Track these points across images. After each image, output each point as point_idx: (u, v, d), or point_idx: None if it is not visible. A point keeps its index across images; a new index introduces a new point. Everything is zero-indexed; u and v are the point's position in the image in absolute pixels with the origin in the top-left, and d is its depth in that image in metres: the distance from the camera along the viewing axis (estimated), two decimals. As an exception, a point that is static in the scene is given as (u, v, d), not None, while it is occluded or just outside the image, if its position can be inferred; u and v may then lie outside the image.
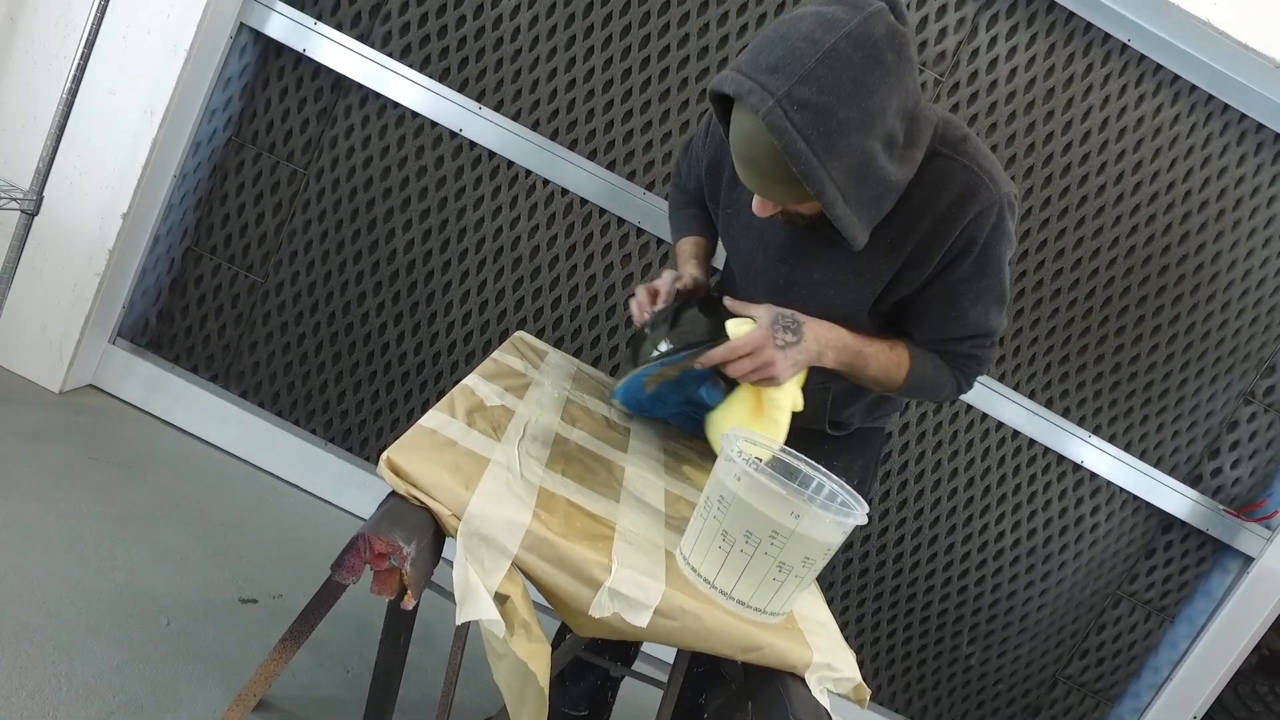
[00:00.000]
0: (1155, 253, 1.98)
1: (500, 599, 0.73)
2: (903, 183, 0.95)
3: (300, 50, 1.92)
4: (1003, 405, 2.03)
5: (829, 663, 0.81)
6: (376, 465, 0.79)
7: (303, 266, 2.05)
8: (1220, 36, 1.78)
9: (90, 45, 1.65)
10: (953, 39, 1.88)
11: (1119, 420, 2.06)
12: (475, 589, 0.72)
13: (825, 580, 2.15)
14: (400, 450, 0.78)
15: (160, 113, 1.83)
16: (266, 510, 1.93)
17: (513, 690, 0.73)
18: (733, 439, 0.84)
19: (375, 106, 1.97)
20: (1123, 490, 2.08)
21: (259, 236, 2.05)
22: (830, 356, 1.06)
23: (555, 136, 1.96)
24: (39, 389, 1.95)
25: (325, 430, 2.13)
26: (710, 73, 1.92)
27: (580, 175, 1.96)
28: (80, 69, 1.65)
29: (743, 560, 0.79)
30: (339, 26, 1.93)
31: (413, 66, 1.94)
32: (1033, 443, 2.07)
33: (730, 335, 1.04)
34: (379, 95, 1.95)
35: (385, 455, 0.76)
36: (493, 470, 0.83)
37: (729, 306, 1.10)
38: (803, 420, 1.11)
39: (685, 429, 1.33)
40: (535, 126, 1.96)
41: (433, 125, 1.96)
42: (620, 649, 1.50)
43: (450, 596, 0.75)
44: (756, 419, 1.07)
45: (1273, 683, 2.57)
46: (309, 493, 2.09)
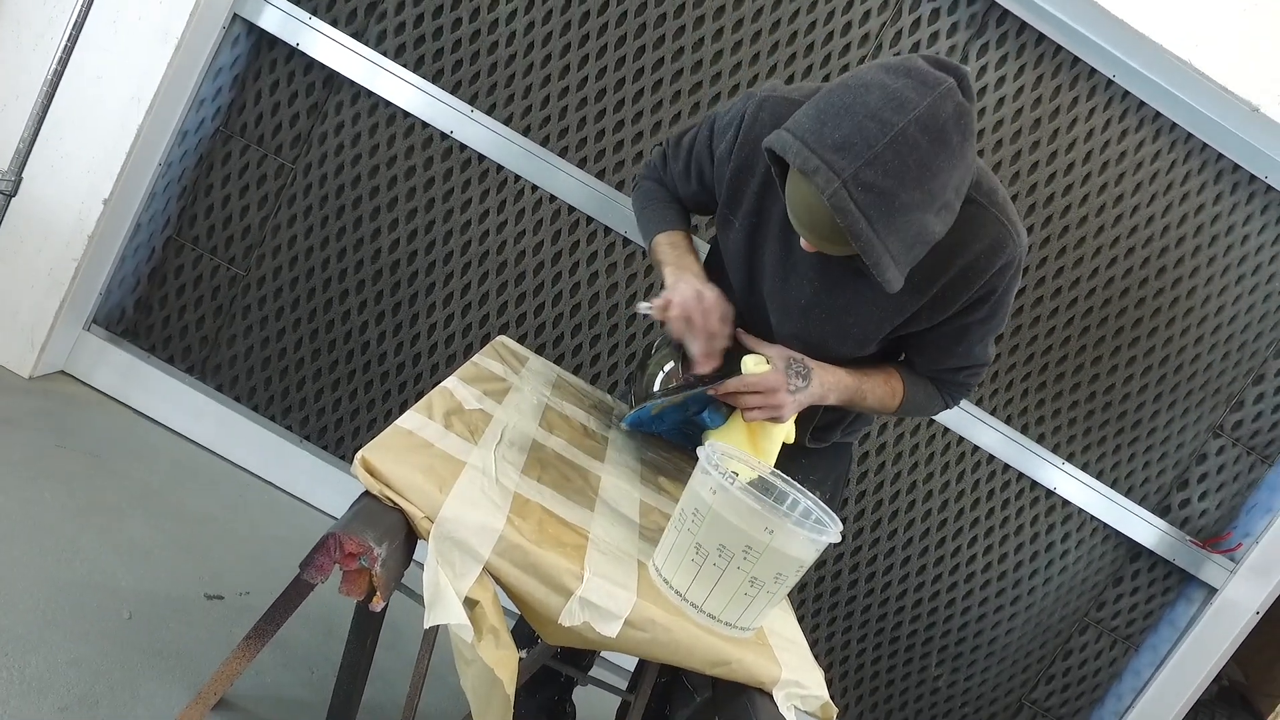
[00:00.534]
0: (1132, 285, 2.01)
1: (470, 604, 0.73)
2: (941, 234, 0.96)
3: (293, 44, 1.91)
4: (979, 430, 2.05)
5: (797, 680, 0.82)
6: (351, 464, 0.78)
7: (286, 261, 2.03)
8: (1200, 77, 1.82)
9: (78, 28, 1.63)
10: (943, 66, 1.91)
11: (1092, 449, 2.09)
12: (445, 593, 0.71)
13: (796, 597, 2.15)
14: (375, 450, 0.77)
15: (147, 100, 1.81)
16: (237, 506, 1.90)
17: (479, 696, 0.73)
18: (712, 452, 0.85)
19: (367, 104, 1.96)
20: (1093, 518, 2.10)
21: (243, 229, 2.03)
22: (833, 397, 1.13)
23: (546, 143, 1.97)
24: (8, 373, 1.91)
25: (301, 427, 2.10)
26: (704, 86, 1.93)
27: (569, 183, 1.96)
28: (67, 51, 1.63)
29: (715, 574, 0.79)
30: (334, 22, 1.92)
31: (406, 66, 1.93)
32: (1007, 467, 2.09)
33: (745, 371, 1.10)
34: (371, 93, 1.94)
35: (360, 454, 0.76)
36: (468, 474, 0.82)
37: (743, 341, 1.15)
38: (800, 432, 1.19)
39: (677, 443, 1.35)
40: (526, 132, 1.96)
41: (424, 126, 1.96)
42: (574, 655, 1.48)
43: (420, 599, 0.74)
44: (751, 443, 1.13)
45: (1232, 712, 2.60)
46: (281, 489, 2.06)
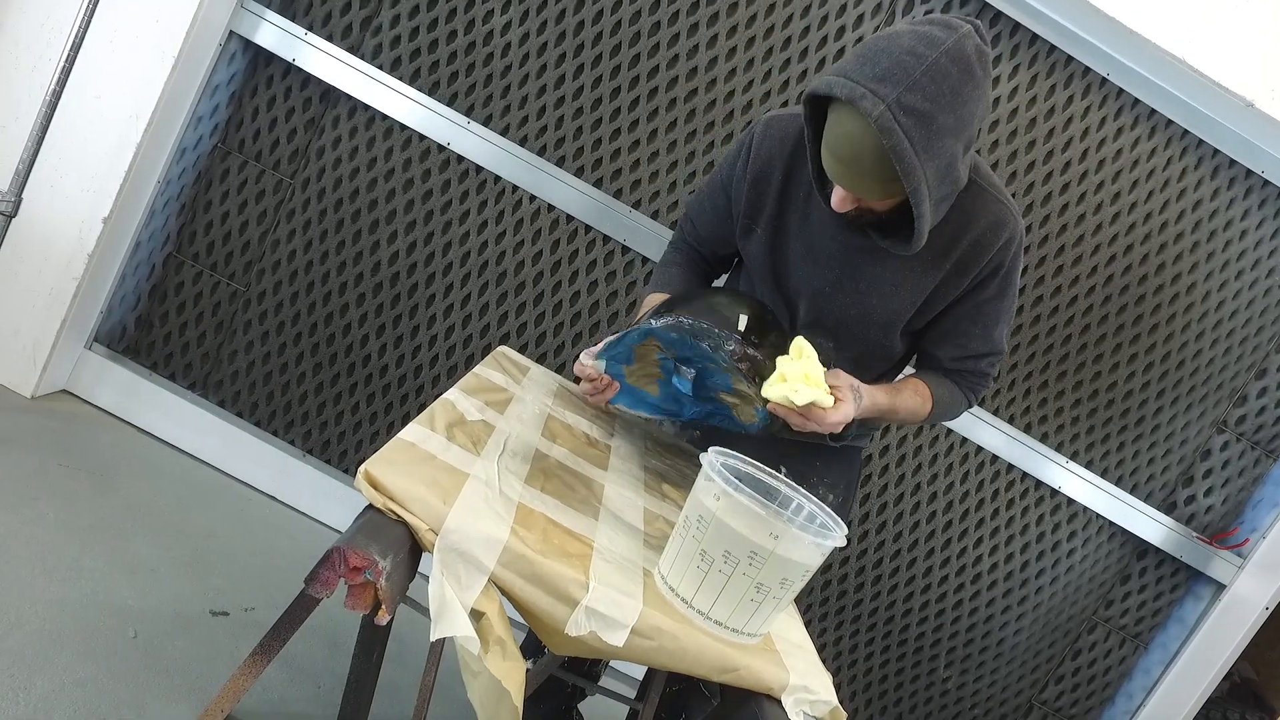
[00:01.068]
0: (1132, 282, 2.01)
1: (476, 615, 0.72)
2: (961, 185, 1.06)
3: (290, 60, 1.92)
4: (983, 430, 2.05)
5: (805, 685, 0.81)
6: (354, 478, 0.78)
7: (286, 276, 2.04)
8: (1194, 74, 1.82)
9: (76, 48, 1.64)
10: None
11: (1096, 447, 2.08)
12: (451, 605, 0.71)
13: (803, 602, 2.15)
14: (378, 463, 0.77)
15: (145, 118, 1.82)
16: (241, 521, 1.90)
17: (486, 708, 0.72)
18: (715, 458, 0.84)
19: (364, 118, 1.97)
20: (1099, 516, 2.09)
21: (242, 245, 2.03)
22: (866, 415, 1.17)
23: (543, 153, 1.97)
24: (10, 393, 1.91)
25: (304, 441, 2.10)
26: (699, 93, 1.94)
27: (567, 192, 1.97)
28: (65, 71, 1.64)
29: (720, 580, 0.79)
30: (330, 38, 1.93)
31: (403, 79, 1.94)
32: (1011, 467, 2.08)
33: (810, 392, 1.02)
34: (368, 107, 1.95)
35: (363, 468, 0.76)
36: (471, 485, 0.82)
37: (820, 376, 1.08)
38: (805, 434, 1.16)
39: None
40: (523, 142, 1.97)
41: (421, 138, 1.97)
42: (585, 665, 1.48)
43: (426, 612, 0.74)
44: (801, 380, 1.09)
45: (1244, 710, 2.59)
46: (285, 504, 2.06)
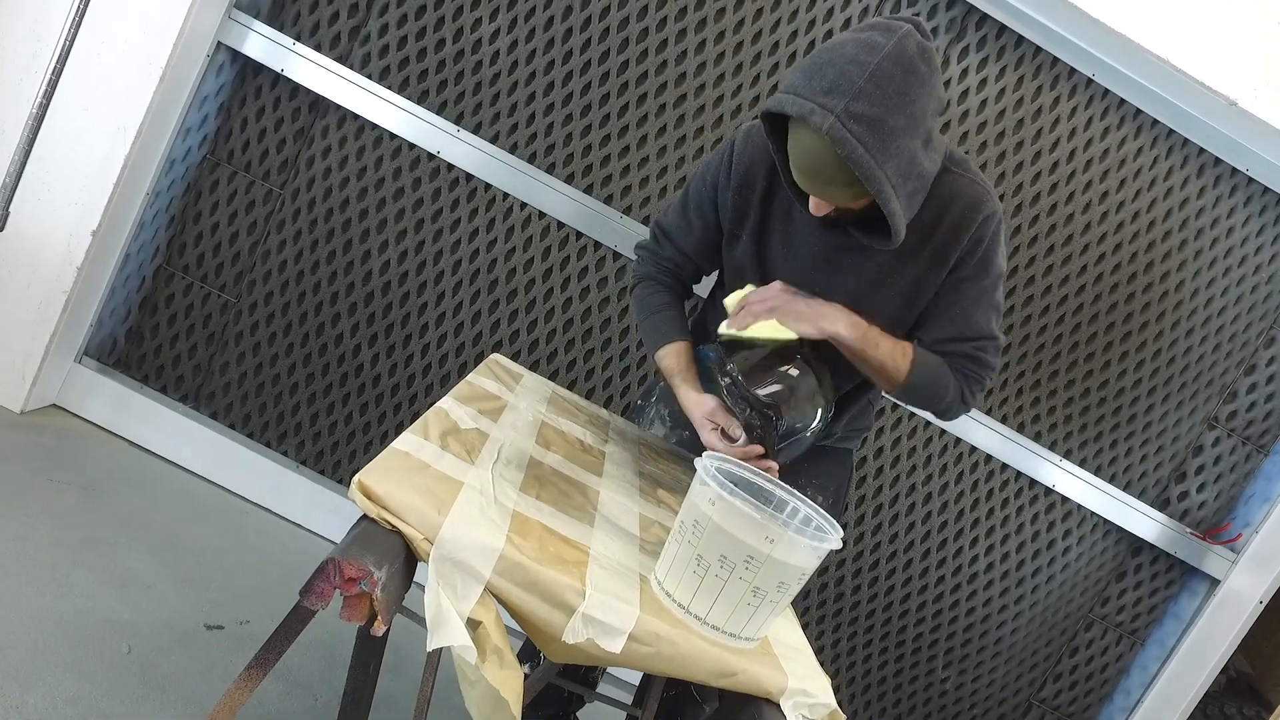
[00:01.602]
0: (1121, 281, 2.02)
1: (472, 624, 0.72)
2: (931, 176, 1.08)
3: (278, 70, 1.92)
4: (976, 430, 2.05)
5: (804, 688, 0.81)
6: (348, 488, 0.78)
7: (277, 286, 2.03)
8: (1178, 74, 1.84)
9: (63, 60, 1.64)
10: (924, 70, 1.93)
11: (1089, 445, 2.09)
12: (447, 614, 0.71)
13: (800, 605, 2.15)
14: (372, 473, 0.77)
15: (134, 130, 1.81)
16: (235, 534, 1.89)
17: (484, 717, 0.72)
18: (707, 462, 0.84)
19: (353, 128, 1.97)
20: (1093, 514, 2.10)
21: (232, 256, 2.03)
22: (842, 323, 1.14)
23: (534, 160, 1.97)
24: None
25: (297, 452, 2.09)
26: (688, 98, 1.95)
27: (558, 198, 1.97)
28: (52, 84, 1.64)
29: (717, 585, 0.79)
30: (318, 47, 1.93)
31: (391, 88, 1.94)
32: (1005, 467, 2.09)
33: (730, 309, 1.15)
34: (357, 116, 1.95)
35: (357, 478, 0.75)
36: (466, 494, 0.82)
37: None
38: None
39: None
40: (514, 149, 1.97)
41: (411, 147, 1.97)
42: (581, 672, 1.47)
43: (422, 622, 0.74)
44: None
45: (1241, 704, 2.60)
46: (279, 516, 2.05)
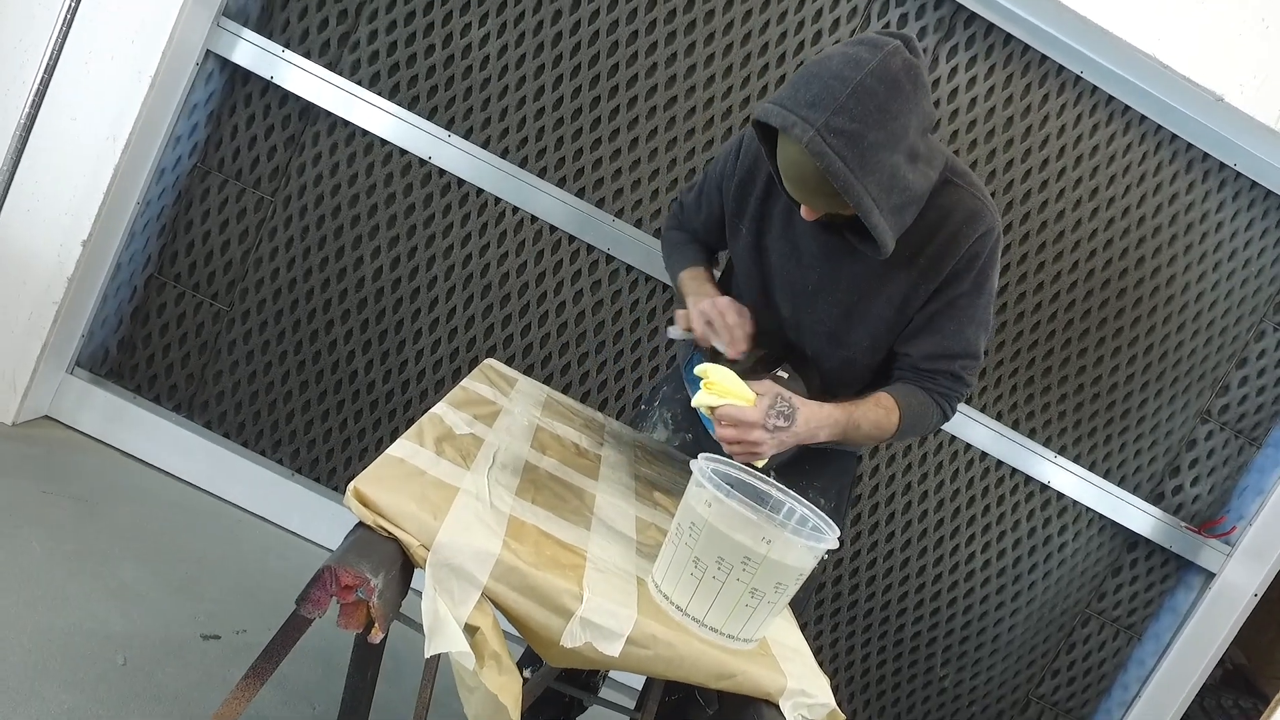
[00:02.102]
0: (1113, 276, 2.03)
1: (470, 630, 0.72)
2: (923, 194, 1.09)
3: (268, 77, 1.92)
4: (972, 428, 2.06)
5: (803, 689, 0.81)
6: (344, 495, 0.77)
7: (269, 294, 2.03)
8: (1165, 70, 1.85)
9: (51, 69, 1.63)
10: (914, 70, 1.94)
11: (1083, 441, 2.10)
12: (445, 621, 0.71)
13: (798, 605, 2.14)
14: (368, 480, 0.77)
15: (123, 139, 1.81)
16: (230, 543, 1.88)
17: (483, 724, 0.72)
18: (705, 464, 0.84)
19: (343, 134, 1.96)
20: (1089, 509, 2.11)
21: (224, 264, 2.02)
22: (823, 434, 1.13)
23: (524, 164, 1.97)
24: (-9, 421, 1.89)
25: (292, 460, 2.09)
26: (678, 100, 1.95)
27: (549, 202, 1.97)
28: (40, 93, 1.63)
29: (715, 587, 0.79)
30: (307, 54, 1.93)
31: (381, 94, 1.94)
32: (1000, 464, 2.10)
33: (729, 397, 1.06)
34: (347, 123, 1.95)
35: (352, 485, 0.75)
36: (462, 499, 0.82)
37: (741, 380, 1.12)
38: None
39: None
40: (504, 154, 1.97)
41: (401, 153, 1.96)
42: (583, 676, 1.47)
43: (419, 629, 0.73)
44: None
45: (1237, 696, 2.61)
46: (275, 524, 2.04)
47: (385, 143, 1.96)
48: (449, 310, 2.03)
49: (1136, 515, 2.09)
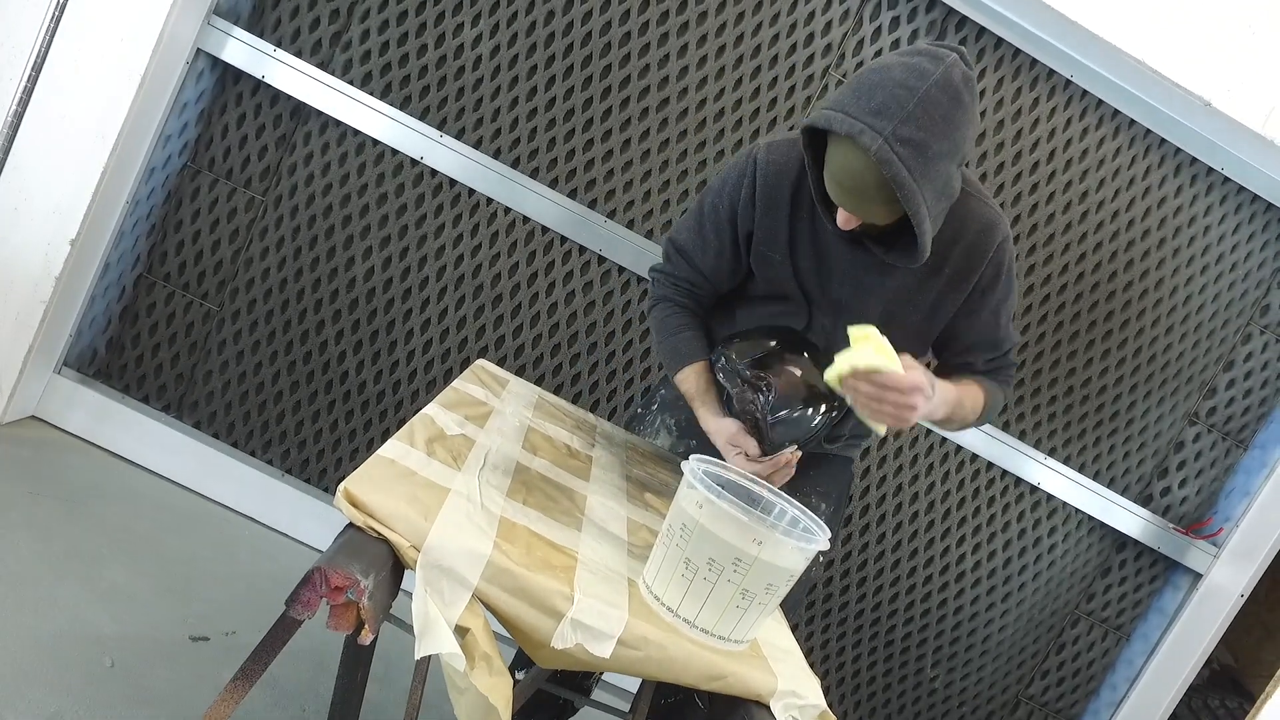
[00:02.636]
0: (1102, 280, 2.05)
1: (461, 632, 0.72)
2: (955, 197, 1.12)
3: (259, 77, 1.91)
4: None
5: (794, 690, 0.81)
6: (334, 496, 0.77)
7: (259, 294, 2.02)
8: (1155, 75, 1.86)
9: (39, 68, 1.62)
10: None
11: (1073, 443, 2.11)
12: (435, 622, 0.70)
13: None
14: (358, 481, 0.76)
15: (112, 138, 1.79)
16: (219, 544, 1.87)
17: (473, 726, 0.72)
18: (694, 465, 0.85)
19: (335, 134, 1.96)
20: (1078, 511, 2.12)
21: (214, 264, 2.01)
22: (941, 410, 1.19)
23: (516, 165, 1.97)
24: (-22, 421, 1.87)
25: (282, 461, 2.08)
26: (670, 101, 1.95)
27: (541, 203, 1.97)
28: (27, 91, 1.62)
29: (706, 588, 0.79)
30: (299, 54, 1.92)
31: (373, 94, 1.93)
32: (991, 465, 2.11)
33: (860, 352, 1.02)
34: (339, 123, 1.94)
35: (343, 486, 0.75)
36: (453, 500, 0.82)
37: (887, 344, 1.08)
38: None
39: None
40: (496, 155, 1.96)
41: (393, 153, 1.96)
42: (576, 678, 1.47)
43: (410, 630, 0.73)
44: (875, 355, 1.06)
45: (1224, 697, 2.63)
46: (264, 525, 2.03)
47: (377, 143, 1.95)
48: (440, 311, 2.03)
49: (1125, 516, 2.11)
